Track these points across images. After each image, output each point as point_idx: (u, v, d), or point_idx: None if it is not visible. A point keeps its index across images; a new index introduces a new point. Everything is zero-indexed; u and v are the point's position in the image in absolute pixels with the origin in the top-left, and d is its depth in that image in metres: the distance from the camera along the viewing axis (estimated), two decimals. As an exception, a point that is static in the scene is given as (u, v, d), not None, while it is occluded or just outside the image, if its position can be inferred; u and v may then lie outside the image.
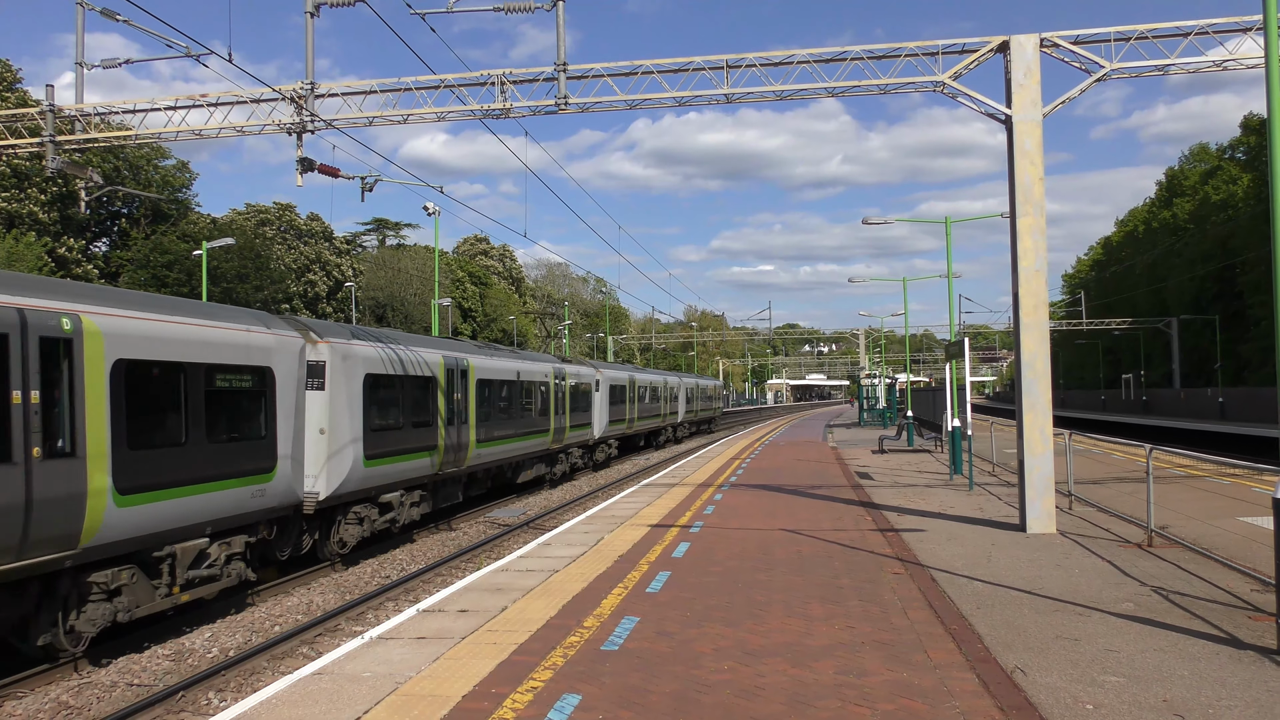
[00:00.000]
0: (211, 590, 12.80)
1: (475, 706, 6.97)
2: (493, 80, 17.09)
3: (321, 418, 15.76)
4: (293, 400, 14.52)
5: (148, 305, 12.09)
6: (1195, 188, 78.94)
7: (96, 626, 10.75)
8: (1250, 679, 7.32)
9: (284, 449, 14.22)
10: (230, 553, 13.15)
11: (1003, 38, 15.22)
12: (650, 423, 45.30)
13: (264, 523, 14.11)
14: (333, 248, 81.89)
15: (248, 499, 13.40)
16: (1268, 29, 8.38)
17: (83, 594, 10.74)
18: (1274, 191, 8.26)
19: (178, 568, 12.07)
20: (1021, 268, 14.85)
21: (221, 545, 12.94)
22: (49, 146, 18.32)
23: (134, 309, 11.61)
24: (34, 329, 9.88)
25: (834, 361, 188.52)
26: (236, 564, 13.31)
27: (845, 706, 6.81)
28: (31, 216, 52.96)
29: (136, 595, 11.38)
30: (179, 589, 12.12)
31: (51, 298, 10.40)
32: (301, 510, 15.24)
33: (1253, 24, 14.94)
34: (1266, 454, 34.53)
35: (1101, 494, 18.32)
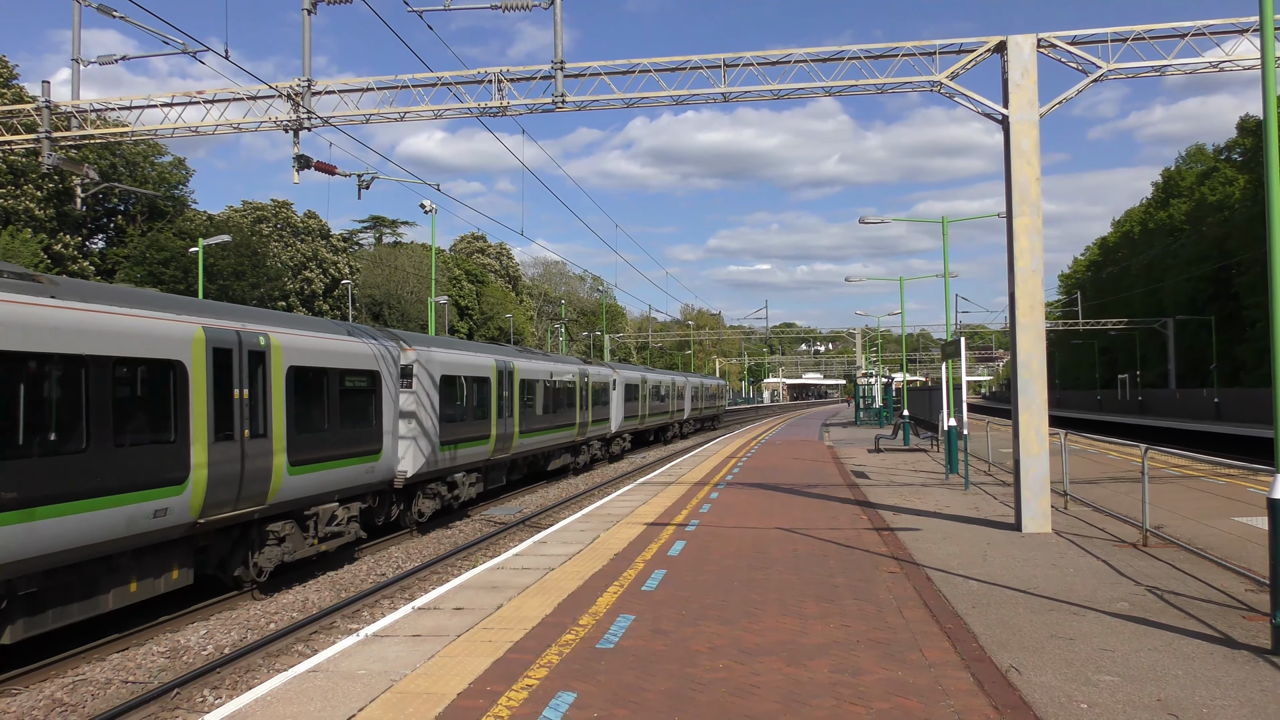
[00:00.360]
0: (337, 544, 16.31)
1: (470, 704, 6.97)
2: (490, 78, 17.08)
3: (409, 411, 19.16)
4: (393, 396, 18.22)
5: (305, 325, 16.09)
6: (1192, 189, 79.06)
7: (272, 563, 14.40)
8: (1244, 678, 7.33)
9: (386, 436, 17.89)
10: (350, 515, 16.73)
11: (1000, 38, 15.23)
12: (660, 419, 48.86)
13: (370, 494, 17.85)
14: (329, 245, 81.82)
15: (363, 474, 17.09)
16: (1264, 30, 8.39)
17: (263, 539, 14.36)
18: (1270, 192, 8.28)
19: (319, 524, 15.69)
20: (1018, 268, 14.86)
21: (345, 509, 16.53)
22: (45, 143, 18.28)
23: (298, 328, 15.54)
24: (245, 345, 13.69)
25: (830, 361, 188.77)
26: (354, 524, 16.85)
27: (840, 705, 6.82)
28: (27, 213, 52.85)
29: (294, 543, 14.99)
30: (318, 541, 15.72)
31: (253, 321, 14.29)
32: (393, 485, 18.65)
33: (1249, 25, 14.96)
34: (1262, 454, 34.60)
35: (1097, 494, 18.34)
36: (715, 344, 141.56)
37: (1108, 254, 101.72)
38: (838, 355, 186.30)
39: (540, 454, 28.66)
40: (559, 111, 17.04)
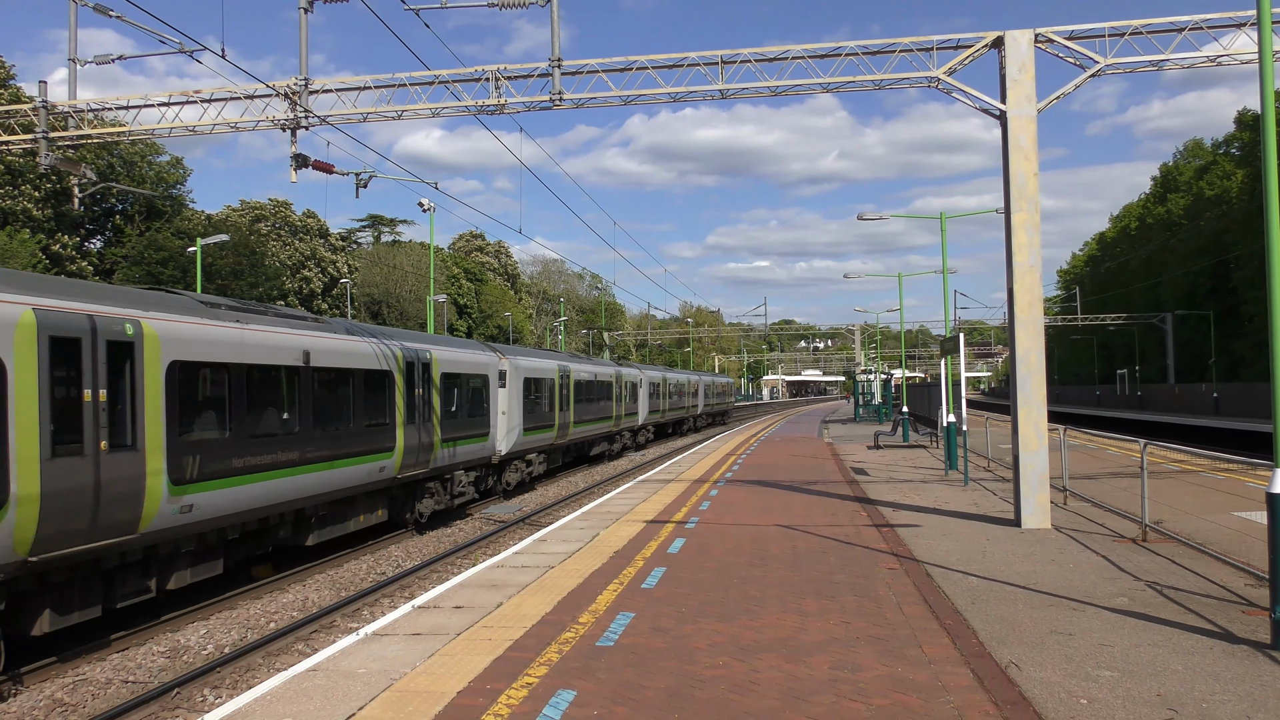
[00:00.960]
0: (462, 501, 22.23)
1: (470, 703, 6.97)
2: (487, 76, 17.06)
3: (504, 405, 25.01)
4: (495, 394, 24.26)
5: (448, 343, 22.67)
6: (1190, 183, 79.05)
7: (429, 510, 20.25)
8: (1244, 673, 7.34)
9: (491, 423, 23.82)
10: (469, 480, 22.74)
11: (997, 33, 15.22)
12: (678, 413, 55.36)
13: (480, 466, 23.64)
14: (328, 244, 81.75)
15: (478, 451, 22.96)
16: (1261, 24, 8.38)
17: (425, 493, 20.21)
18: (1268, 187, 8.27)
19: (453, 485, 21.70)
20: (1016, 263, 14.86)
21: (467, 475, 22.47)
22: (42, 143, 18.26)
23: (445, 345, 21.96)
24: (419, 360, 19.67)
25: (830, 357, 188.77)
26: (470, 487, 22.75)
27: (840, 702, 6.82)
28: (25, 213, 52.77)
29: (439, 498, 20.84)
30: (452, 498, 21.64)
31: (421, 342, 20.51)
32: (492, 460, 24.39)
33: (1246, 19, 14.95)
34: (1261, 449, 34.62)
35: (1096, 489, 18.35)
36: (714, 341, 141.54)
37: (1106, 249, 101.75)
38: (837, 352, 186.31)
39: (586, 441, 34.83)
40: (557, 109, 17.04)
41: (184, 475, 12.09)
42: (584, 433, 33.38)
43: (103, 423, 10.76)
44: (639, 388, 43.78)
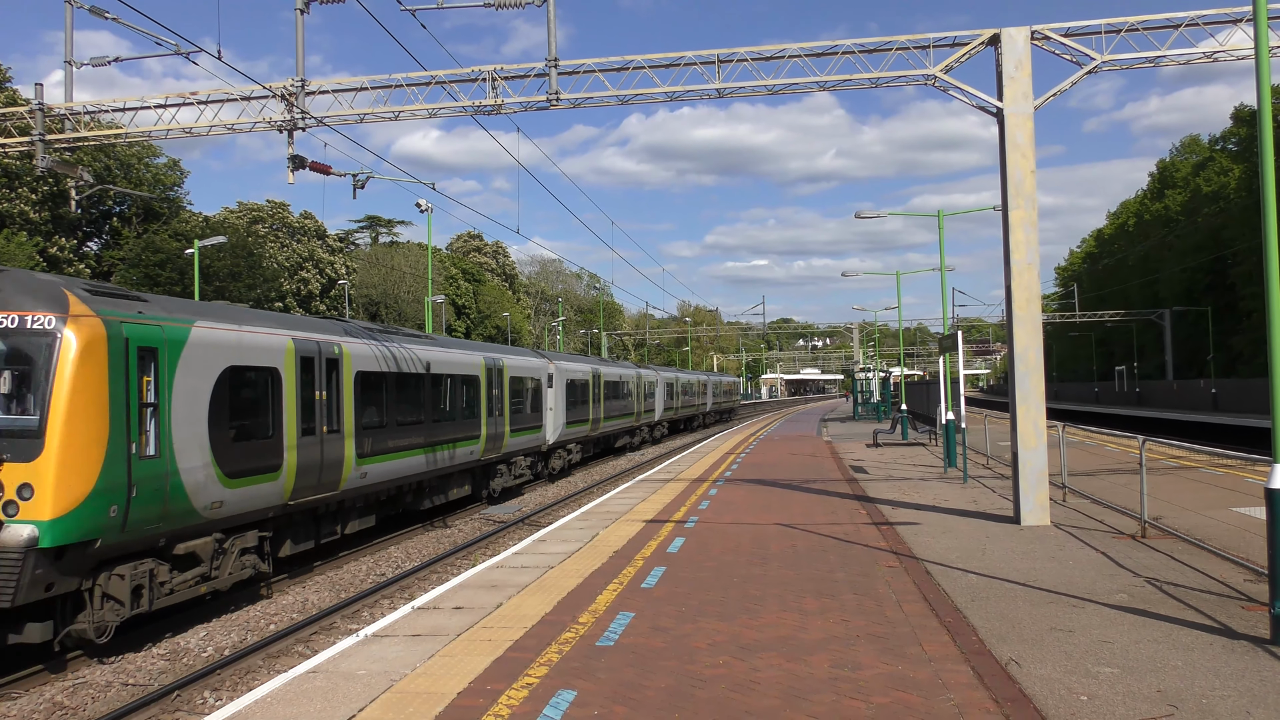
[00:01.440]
0: (521, 481, 27.13)
1: (470, 703, 6.96)
2: (484, 76, 17.06)
3: (551, 403, 29.97)
4: (545, 393, 29.48)
5: (513, 351, 28.20)
6: (1187, 180, 79.12)
7: (499, 487, 24.96)
8: (1244, 669, 7.34)
9: (543, 418, 29.14)
10: (527, 464, 27.48)
11: (993, 31, 15.23)
12: (690, 410, 61.47)
13: (534, 454, 28.54)
14: (325, 245, 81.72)
15: (533, 440, 28.06)
16: (1257, 20, 8.39)
17: (495, 473, 24.92)
18: (1265, 182, 8.28)
19: (515, 468, 26.39)
20: (1014, 260, 14.87)
21: (525, 459, 27.32)
22: (39, 145, 18.25)
23: (511, 354, 27.20)
24: (495, 366, 24.51)
25: (828, 356, 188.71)
26: (528, 470, 27.70)
27: (840, 700, 6.82)
28: (22, 216, 52.72)
29: (505, 478, 25.47)
30: (515, 478, 26.39)
31: (495, 352, 25.48)
32: (542, 449, 29.30)
33: (1242, 15, 14.96)
34: (1259, 445, 34.64)
35: (1095, 486, 18.36)
36: (713, 340, 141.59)
37: (1104, 246, 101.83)
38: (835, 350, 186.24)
39: (612, 434, 40.23)
40: (554, 109, 17.03)
41: (363, 451, 17.06)
42: (612, 426, 39.12)
43: (324, 414, 15.78)
44: (656, 387, 48.90)
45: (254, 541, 13.71)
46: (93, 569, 10.79)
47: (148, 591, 11.46)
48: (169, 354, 11.98)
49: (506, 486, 25.83)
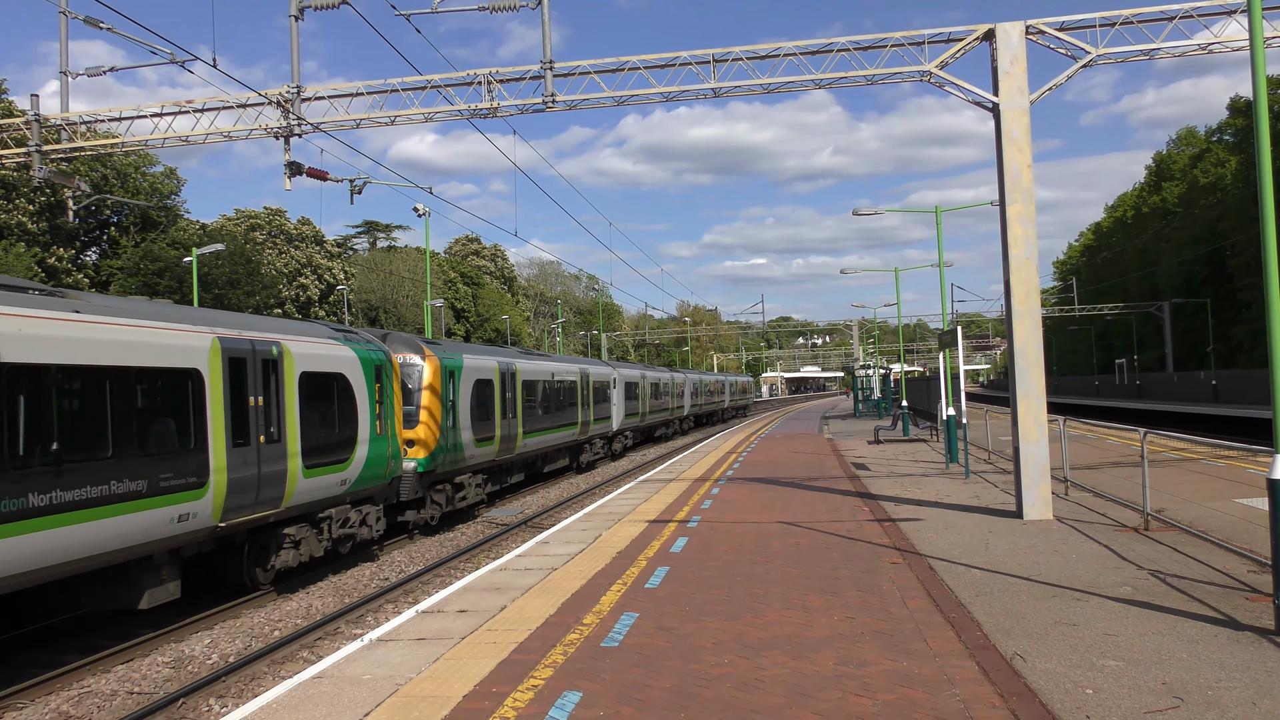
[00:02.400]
0: (596, 457, 35.56)
1: (476, 706, 6.96)
2: (479, 80, 17.06)
3: (615, 400, 39.03)
4: (611, 392, 38.28)
5: (594, 362, 38.17)
6: (1184, 171, 79.12)
7: (587, 460, 34.82)
8: (1249, 660, 7.34)
9: (612, 411, 38.15)
10: (601, 445, 36.56)
11: (988, 26, 15.23)
12: (711, 406, 70.47)
13: (604, 438, 37.13)
14: (324, 251, 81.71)
15: (605, 428, 37.13)
16: (1251, 11, 8.39)
17: (583, 451, 34.45)
18: (1262, 173, 8.28)
19: (594, 446, 35.50)
20: (1012, 255, 14.87)
21: (602, 442, 36.89)
22: (35, 156, 18.25)
23: (593, 364, 36.84)
24: (584, 373, 33.98)
25: (828, 353, 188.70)
26: (602, 451, 36.30)
27: (846, 697, 6.82)
28: (20, 227, 52.74)
29: (589, 455, 34.82)
30: (594, 455, 35.37)
31: (582, 363, 35.02)
32: (609, 434, 37.97)
33: (1237, 6, 14.97)
34: (1260, 436, 34.64)
35: (1097, 479, 18.37)
36: (712, 340, 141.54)
37: (1102, 239, 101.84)
38: (835, 348, 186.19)
39: (655, 425, 50.01)
40: (550, 111, 17.04)
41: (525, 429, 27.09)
42: (656, 419, 49.56)
43: (510, 407, 25.33)
44: (684, 387, 58.66)
45: (482, 479, 23.43)
46: (429, 486, 20.37)
47: (447, 500, 21.12)
48: (457, 374, 21.89)
49: (593, 459, 35.47)
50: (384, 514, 18.08)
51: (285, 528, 14.78)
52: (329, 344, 16.18)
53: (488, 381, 23.69)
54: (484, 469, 23.52)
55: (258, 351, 13.76)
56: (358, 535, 17.05)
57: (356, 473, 16.57)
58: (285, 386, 14.51)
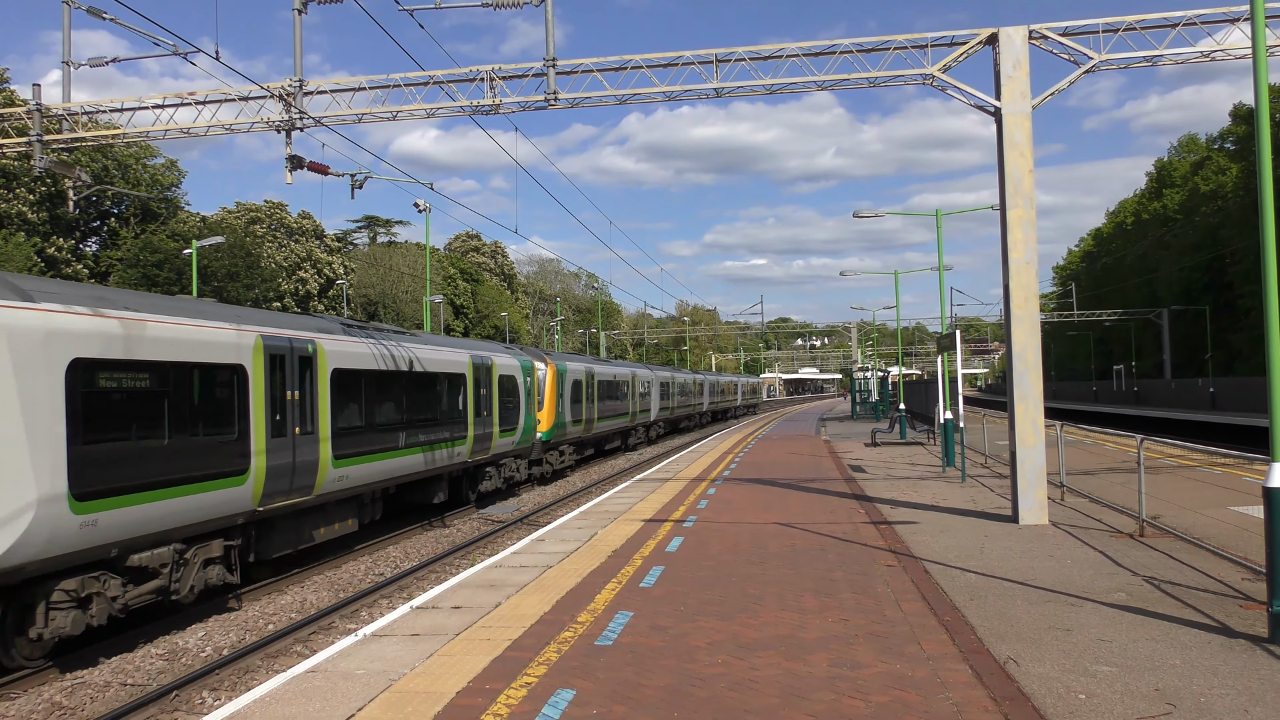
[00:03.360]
0: (639, 440, 45.63)
1: (469, 703, 6.97)
2: (482, 76, 17.05)
3: (654, 397, 48.13)
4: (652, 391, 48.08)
5: (645, 366, 52.00)
6: (1185, 179, 79.17)
7: (635, 441, 45.45)
8: (1242, 667, 7.35)
9: (651, 405, 47.59)
10: (644, 430, 46.99)
11: (991, 30, 15.24)
12: (726, 404, 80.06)
13: (646, 426, 47.29)
14: (324, 245, 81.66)
15: (646, 417, 46.55)
16: (1255, 20, 8.39)
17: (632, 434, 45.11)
18: (1262, 181, 8.29)
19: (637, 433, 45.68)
20: (1012, 260, 14.88)
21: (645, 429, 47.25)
22: (36, 146, 18.23)
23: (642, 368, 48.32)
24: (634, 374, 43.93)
25: (827, 355, 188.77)
26: (644, 436, 47.02)
27: (839, 699, 6.82)
28: (20, 216, 52.69)
29: (636, 437, 45.31)
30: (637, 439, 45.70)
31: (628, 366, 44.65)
32: (648, 422, 47.15)
33: (1240, 14, 14.98)
34: (1257, 444, 34.66)
35: (1093, 485, 18.38)
36: (711, 340, 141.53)
37: (1102, 245, 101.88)
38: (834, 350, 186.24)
39: (679, 419, 58.80)
40: (552, 109, 17.03)
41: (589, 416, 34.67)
42: (682, 413, 58.72)
43: (590, 401, 34.73)
44: (704, 387, 67.43)
45: (570, 449, 31.97)
46: (544, 450, 28.92)
47: (557, 462, 30.24)
48: (564, 376, 30.53)
49: (638, 441, 45.57)
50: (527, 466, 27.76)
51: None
52: (510, 357, 26.57)
53: (579, 381, 32.94)
54: (574, 443, 32.81)
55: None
56: (516, 476, 26.84)
57: (518, 437, 26.29)
58: (493, 384, 24.58)
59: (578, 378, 32.53)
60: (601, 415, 36.38)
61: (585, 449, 35.09)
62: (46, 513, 9.88)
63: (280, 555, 15.17)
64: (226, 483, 12.94)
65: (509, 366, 25.72)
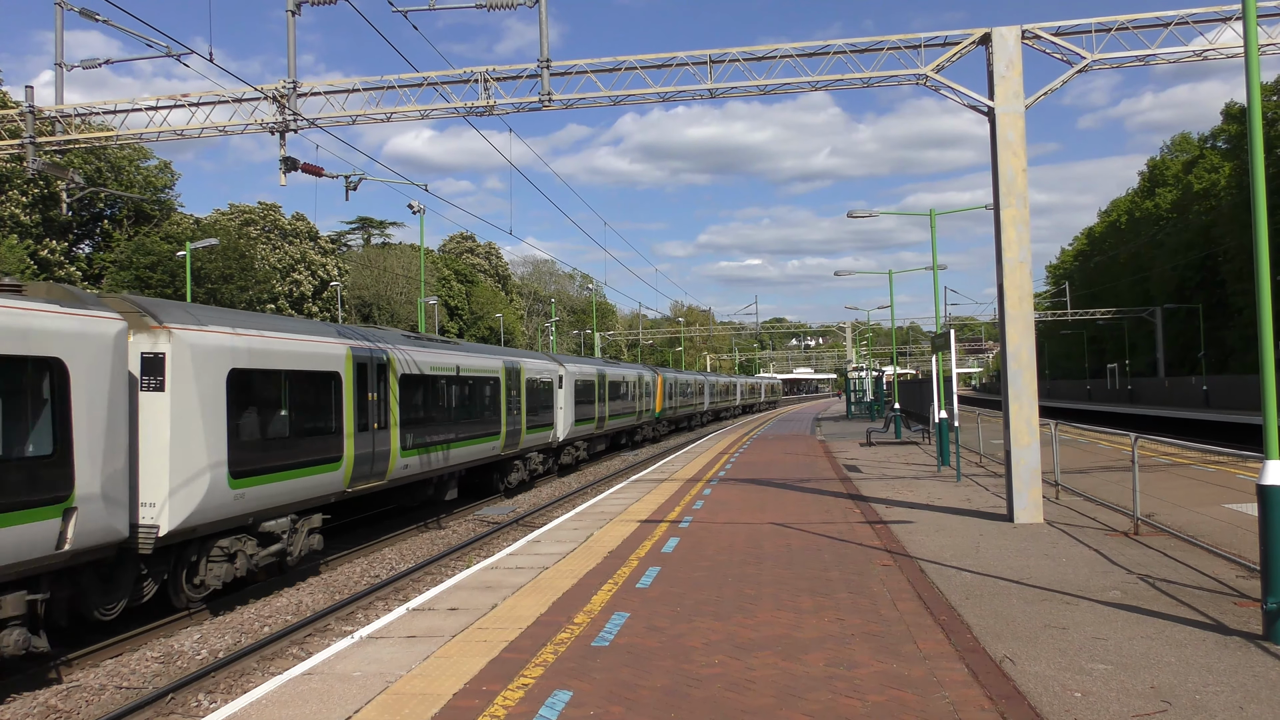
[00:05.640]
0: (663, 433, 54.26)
1: (466, 704, 6.96)
2: (476, 77, 17.04)
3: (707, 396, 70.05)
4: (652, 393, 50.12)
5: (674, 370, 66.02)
6: (1177, 177, 79.39)
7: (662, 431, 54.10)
8: (1236, 664, 7.38)
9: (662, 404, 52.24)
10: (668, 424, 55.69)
11: (984, 30, 15.26)
12: (726, 404, 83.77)
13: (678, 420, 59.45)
14: (318, 247, 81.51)
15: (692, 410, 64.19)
16: (1246, 19, 8.42)
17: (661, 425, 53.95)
18: (1255, 179, 8.32)
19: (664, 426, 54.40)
20: (1005, 259, 14.91)
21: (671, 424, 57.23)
22: (29, 148, 18.18)
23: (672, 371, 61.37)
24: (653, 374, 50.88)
25: (821, 355, 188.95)
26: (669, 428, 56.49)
27: (835, 698, 6.83)
28: (13, 219, 52.53)
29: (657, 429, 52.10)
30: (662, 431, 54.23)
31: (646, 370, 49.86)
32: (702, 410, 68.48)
33: (1232, 13, 15.03)
34: (1251, 441, 34.75)
35: (1088, 483, 18.42)
36: (705, 340, 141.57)
37: (1095, 244, 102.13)
38: (829, 350, 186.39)
39: (684, 416, 62.15)
40: (546, 110, 17.02)
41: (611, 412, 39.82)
42: (683, 411, 61.57)
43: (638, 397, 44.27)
44: (706, 387, 73.12)
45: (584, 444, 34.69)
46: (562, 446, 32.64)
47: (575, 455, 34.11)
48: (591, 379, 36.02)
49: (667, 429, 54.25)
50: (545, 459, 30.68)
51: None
52: (547, 363, 30.54)
53: (593, 383, 36.53)
54: (587, 439, 35.99)
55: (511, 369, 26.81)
56: (539, 469, 29.55)
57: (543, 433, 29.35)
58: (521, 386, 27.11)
59: (592, 380, 36.67)
60: (615, 413, 41.18)
61: (599, 444, 38.73)
62: (215, 486, 12.83)
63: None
64: (327, 468, 15.96)
65: (536, 370, 29.36)
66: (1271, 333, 8.09)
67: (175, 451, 12.14)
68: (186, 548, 12.69)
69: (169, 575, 12.65)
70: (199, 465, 12.46)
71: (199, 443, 12.51)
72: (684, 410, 60.05)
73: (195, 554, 12.89)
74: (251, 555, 13.96)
